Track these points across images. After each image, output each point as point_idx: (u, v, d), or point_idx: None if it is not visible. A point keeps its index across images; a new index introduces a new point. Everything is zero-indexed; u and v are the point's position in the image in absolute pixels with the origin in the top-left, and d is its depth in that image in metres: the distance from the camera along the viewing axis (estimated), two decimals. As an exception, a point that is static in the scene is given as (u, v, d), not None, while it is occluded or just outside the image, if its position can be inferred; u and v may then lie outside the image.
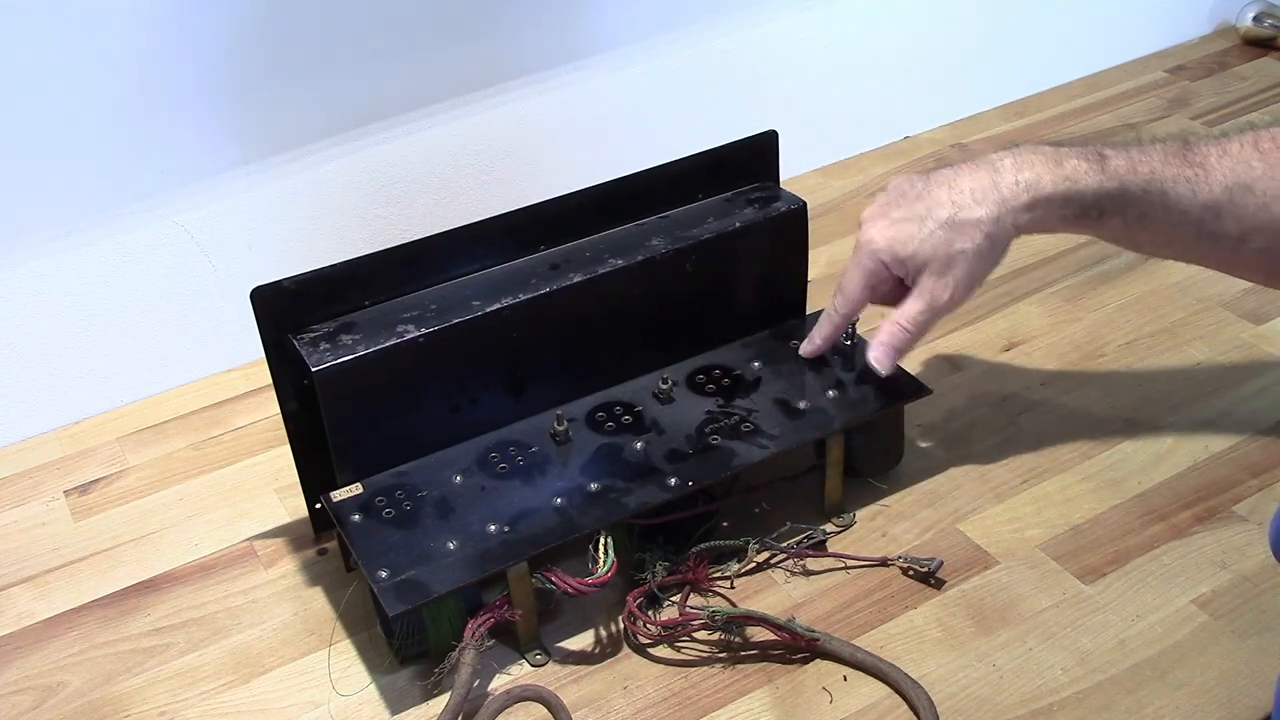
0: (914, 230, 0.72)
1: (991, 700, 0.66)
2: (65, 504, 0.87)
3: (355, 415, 0.73)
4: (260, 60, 0.91)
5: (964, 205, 0.71)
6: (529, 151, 1.05)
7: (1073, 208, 0.70)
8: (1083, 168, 0.70)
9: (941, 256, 0.71)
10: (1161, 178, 0.69)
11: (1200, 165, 0.69)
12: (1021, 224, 0.71)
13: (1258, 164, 0.68)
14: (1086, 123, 1.26)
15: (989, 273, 0.73)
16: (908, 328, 0.73)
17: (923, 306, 0.73)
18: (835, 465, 0.78)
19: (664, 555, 0.73)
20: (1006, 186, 0.71)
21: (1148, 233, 0.71)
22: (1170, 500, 0.79)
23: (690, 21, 1.09)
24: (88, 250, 0.90)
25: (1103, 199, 0.70)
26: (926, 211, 0.72)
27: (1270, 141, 0.69)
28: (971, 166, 0.73)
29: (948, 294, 0.72)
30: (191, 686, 0.72)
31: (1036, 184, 0.70)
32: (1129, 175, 0.70)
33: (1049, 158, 0.71)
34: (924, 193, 0.73)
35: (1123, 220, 0.71)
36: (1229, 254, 0.71)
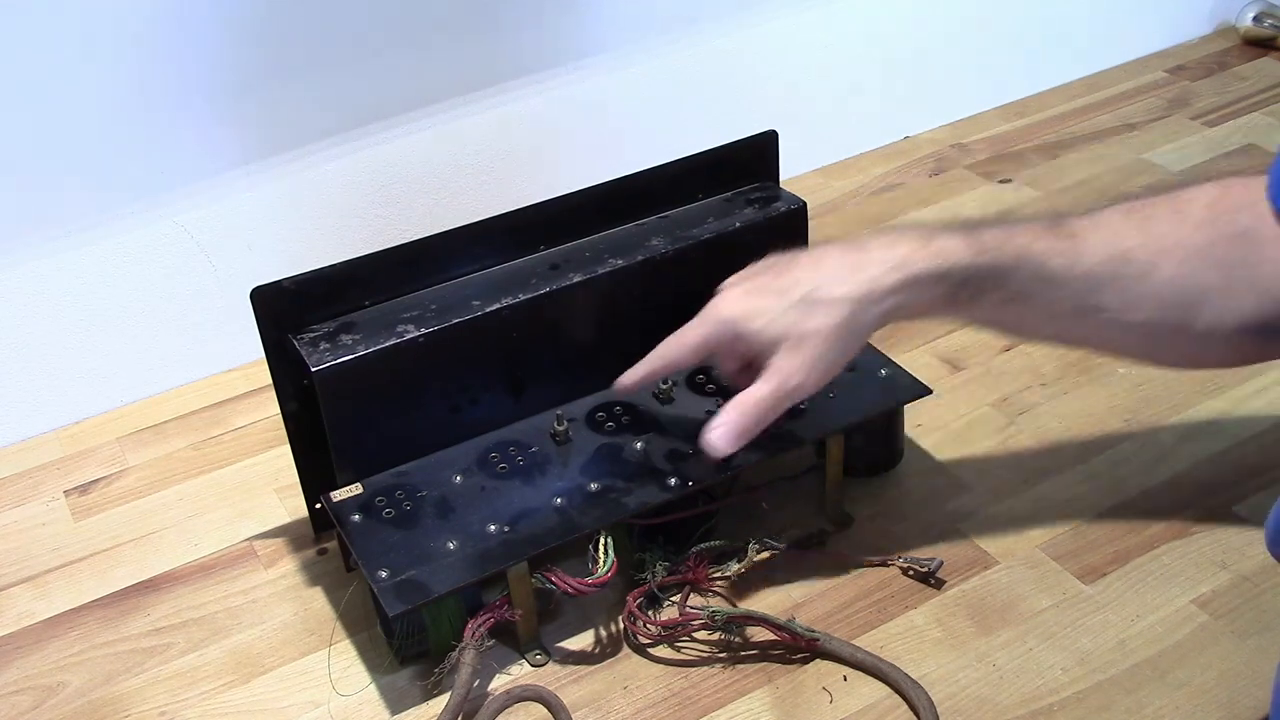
0: (769, 304, 0.67)
1: (991, 700, 0.66)
2: (65, 504, 0.87)
3: (355, 415, 0.73)
4: (260, 60, 0.91)
5: (826, 283, 0.66)
6: (529, 151, 1.05)
7: (945, 285, 0.65)
8: (953, 244, 0.66)
9: (795, 335, 0.66)
10: (1035, 251, 0.65)
11: (1073, 237, 0.66)
12: (888, 308, 0.66)
13: (1133, 233, 0.66)
14: (1086, 122, 1.26)
15: (847, 359, 0.67)
16: (753, 411, 0.67)
17: (772, 389, 0.66)
18: (835, 465, 0.78)
19: (664, 555, 0.73)
20: (873, 265, 0.66)
21: (1025, 312, 0.67)
22: (1170, 500, 0.79)
23: (690, 21, 1.09)
24: (88, 250, 0.90)
25: (976, 275, 0.65)
26: (787, 285, 0.67)
27: (1142, 211, 0.67)
28: (841, 245, 0.68)
29: (799, 377, 0.66)
30: (191, 686, 0.72)
31: (905, 263, 0.65)
32: (1001, 250, 0.65)
33: (918, 236, 0.67)
34: (788, 268, 0.68)
35: (999, 298, 0.66)
36: (1111, 330, 0.67)
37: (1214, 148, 1.19)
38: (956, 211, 1.12)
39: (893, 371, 0.79)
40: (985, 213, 1.12)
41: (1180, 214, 0.66)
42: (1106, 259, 0.65)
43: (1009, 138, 1.25)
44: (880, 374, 0.78)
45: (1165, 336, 0.67)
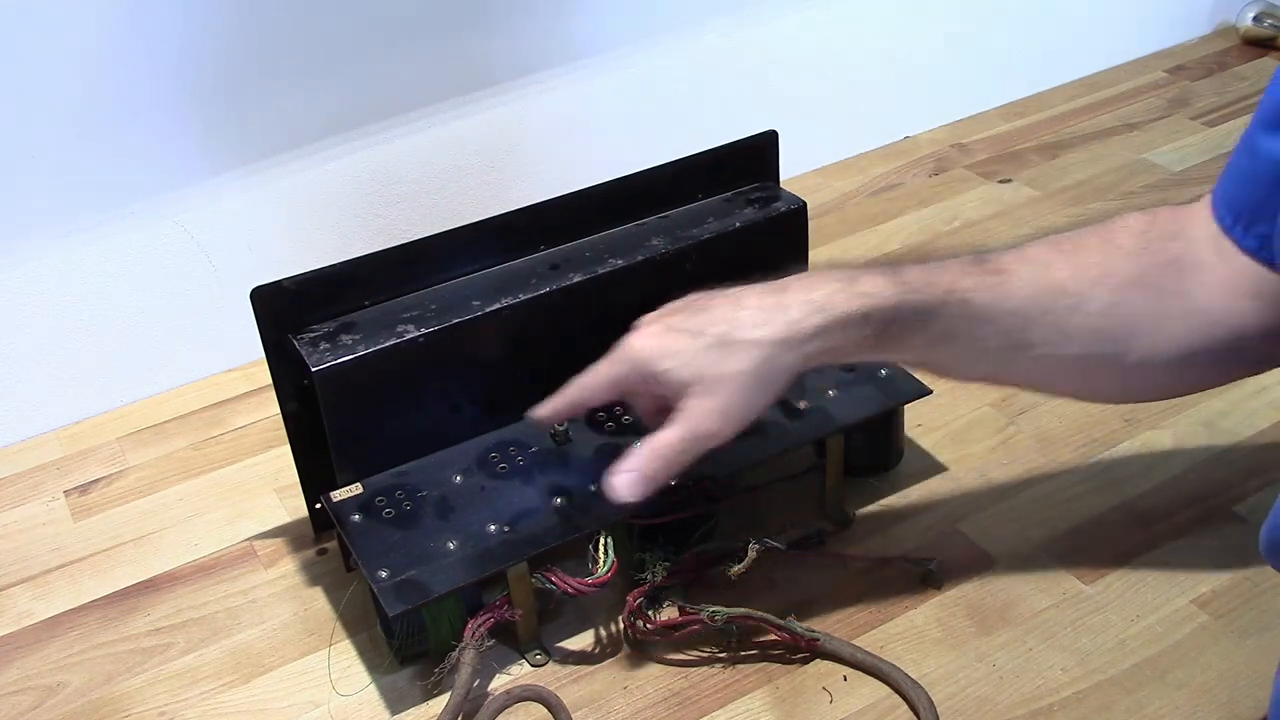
0: (683, 344, 0.63)
1: (991, 700, 0.66)
2: (65, 504, 0.87)
3: (355, 415, 0.73)
4: (261, 60, 0.91)
5: (744, 324, 0.63)
6: (529, 151, 1.05)
7: (870, 327, 0.63)
8: (877, 283, 0.63)
9: (709, 377, 0.63)
10: (962, 287, 0.63)
11: (1000, 272, 0.64)
12: (810, 352, 0.63)
13: (1062, 265, 0.64)
14: (1086, 122, 1.26)
15: (764, 405, 0.64)
16: (664, 455, 0.64)
17: (683, 434, 0.63)
18: (835, 465, 0.78)
19: (664, 555, 0.73)
20: (794, 307, 0.63)
21: (954, 351, 0.65)
22: (1170, 500, 0.79)
23: (691, 21, 1.09)
24: (88, 250, 0.90)
25: (901, 316, 0.63)
26: (702, 326, 0.64)
27: (1070, 243, 0.65)
28: (762, 286, 0.65)
29: (710, 423, 0.63)
30: (191, 686, 0.72)
31: (827, 304, 0.62)
32: (927, 288, 0.63)
33: (841, 277, 0.64)
34: (706, 307, 0.65)
35: (926, 338, 0.64)
36: (1041, 365, 0.65)
37: (1214, 148, 1.19)
38: (957, 211, 1.13)
39: (892, 371, 0.79)
40: (982, 214, 1.12)
41: (1110, 244, 0.65)
42: (1036, 293, 0.64)
43: (1009, 138, 1.25)
44: (880, 374, 0.78)
45: (1100, 370, 0.65)
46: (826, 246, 1.08)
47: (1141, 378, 0.66)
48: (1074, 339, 0.64)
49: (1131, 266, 0.64)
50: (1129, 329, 0.64)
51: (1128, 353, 0.64)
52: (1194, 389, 0.69)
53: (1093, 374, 0.66)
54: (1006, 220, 1.11)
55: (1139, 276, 0.64)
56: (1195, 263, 0.64)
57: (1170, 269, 0.64)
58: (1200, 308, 0.63)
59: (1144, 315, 0.64)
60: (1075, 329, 0.64)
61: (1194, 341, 0.64)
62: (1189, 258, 0.64)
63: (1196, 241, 0.65)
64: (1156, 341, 0.64)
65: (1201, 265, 0.64)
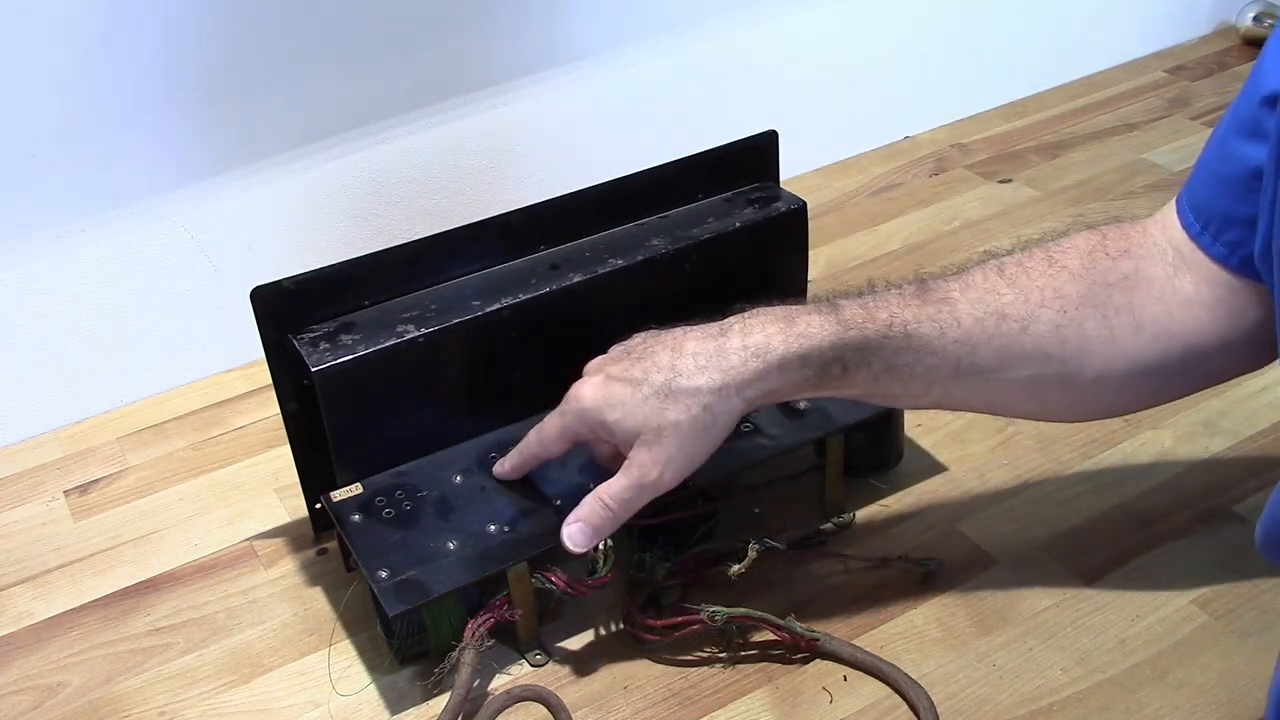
0: (626, 394, 0.64)
1: (991, 700, 0.66)
2: (65, 504, 0.87)
3: (355, 415, 0.73)
4: (261, 60, 0.91)
5: (684, 372, 0.63)
6: (529, 151, 1.05)
7: (811, 367, 0.63)
8: (816, 322, 0.63)
9: (653, 427, 0.64)
10: (904, 320, 0.63)
11: (943, 301, 0.64)
12: (751, 396, 0.64)
13: (1006, 290, 0.64)
14: (1086, 122, 1.26)
15: (710, 450, 0.65)
16: (610, 505, 0.65)
17: (628, 483, 0.65)
18: (835, 465, 0.78)
19: (664, 555, 0.73)
20: (733, 353, 0.63)
21: (902, 382, 0.65)
22: (1170, 500, 0.79)
23: (691, 21, 1.09)
24: (88, 250, 0.90)
25: (843, 352, 0.63)
26: (644, 374, 0.64)
27: (1015, 266, 0.65)
28: (701, 330, 0.66)
29: (656, 471, 0.64)
30: (191, 686, 0.72)
31: (766, 348, 0.63)
32: (867, 323, 0.63)
33: (780, 318, 0.64)
34: (647, 352, 0.65)
35: (870, 373, 0.64)
36: (993, 389, 0.65)
37: (1214, 148, 1.19)
38: (957, 211, 1.13)
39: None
40: (982, 214, 1.12)
41: (1055, 265, 0.65)
42: (981, 318, 0.63)
43: (1009, 138, 1.25)
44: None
45: (1053, 390, 0.65)
46: (826, 246, 1.08)
47: (1098, 396, 0.65)
48: (1024, 362, 0.64)
49: (1078, 287, 0.64)
50: (1079, 349, 0.64)
51: (1081, 371, 0.64)
52: (1153, 403, 0.68)
53: (1047, 395, 0.66)
54: (1006, 220, 1.11)
55: (1086, 296, 0.64)
56: (1147, 278, 0.64)
57: (1118, 288, 0.64)
58: (1151, 323, 0.63)
59: (1094, 335, 0.63)
60: (1024, 352, 0.64)
61: (1148, 357, 0.63)
62: (1140, 274, 0.64)
63: (1148, 257, 0.64)
64: (1111, 359, 0.64)
65: (1154, 280, 0.63)
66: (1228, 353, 0.64)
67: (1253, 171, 0.59)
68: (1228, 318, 0.62)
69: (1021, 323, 0.63)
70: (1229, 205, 0.61)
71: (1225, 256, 0.61)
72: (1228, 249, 0.61)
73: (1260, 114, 0.58)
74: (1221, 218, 0.61)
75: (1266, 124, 0.57)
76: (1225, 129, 0.62)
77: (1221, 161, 0.62)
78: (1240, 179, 0.60)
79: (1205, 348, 0.63)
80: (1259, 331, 0.63)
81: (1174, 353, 0.63)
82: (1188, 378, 0.66)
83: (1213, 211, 0.62)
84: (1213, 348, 0.63)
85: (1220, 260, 0.62)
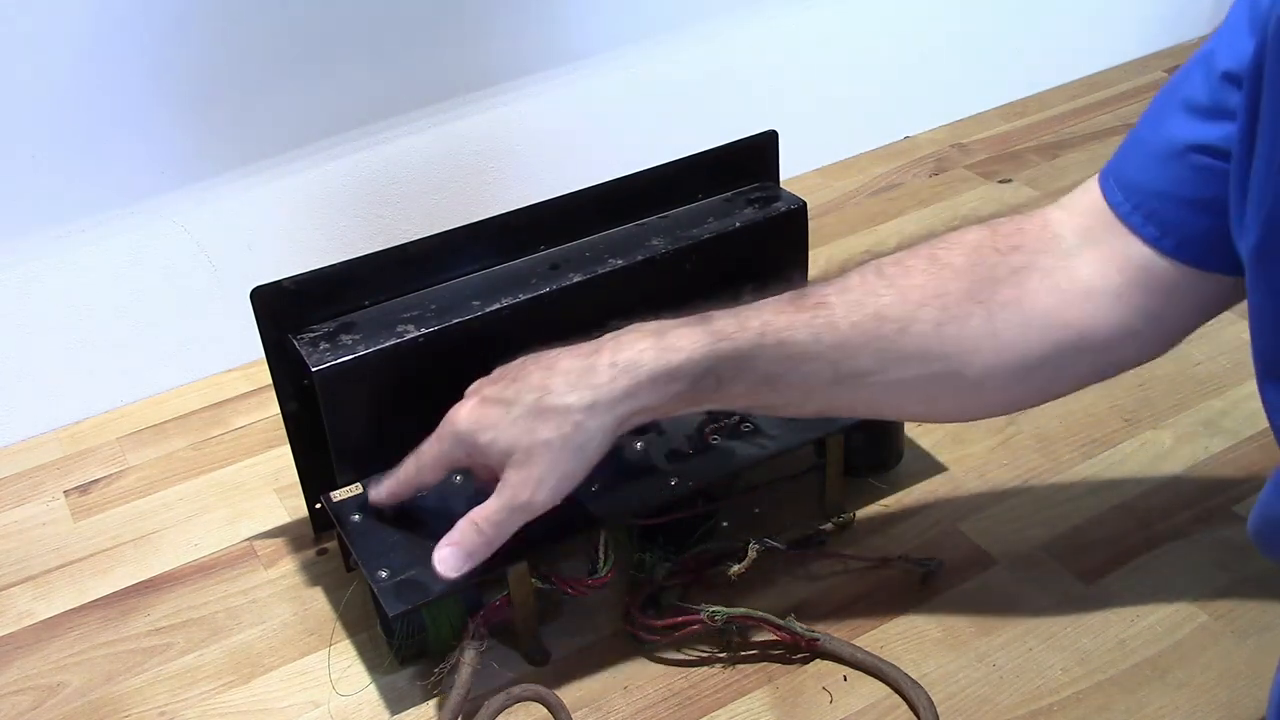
0: (498, 415, 0.63)
1: (991, 700, 0.66)
2: (65, 504, 0.87)
3: (355, 415, 0.73)
4: (261, 60, 0.91)
5: (555, 390, 0.63)
6: (528, 152, 1.05)
7: (682, 381, 0.62)
8: (687, 334, 0.62)
9: (524, 447, 0.63)
10: (777, 327, 0.62)
11: (819, 306, 0.63)
12: (622, 413, 0.63)
13: (885, 290, 0.63)
14: (1086, 122, 1.26)
15: (584, 469, 0.64)
16: (483, 529, 0.64)
17: (501, 505, 0.64)
18: (835, 465, 0.78)
19: (664, 555, 0.73)
20: (603, 370, 0.62)
21: (779, 391, 0.64)
22: (1170, 500, 0.79)
23: (690, 22, 1.09)
24: (88, 250, 0.90)
25: (715, 364, 0.62)
26: (515, 395, 0.63)
27: (895, 266, 0.64)
28: (575, 349, 0.65)
29: (528, 491, 0.63)
30: (191, 686, 0.72)
31: (635, 365, 0.62)
32: (739, 332, 0.62)
33: (652, 333, 0.63)
34: (520, 372, 0.65)
35: (745, 384, 0.63)
36: (877, 393, 0.64)
37: (1214, 148, 1.19)
38: (957, 211, 1.13)
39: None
40: (982, 214, 1.12)
41: (937, 262, 0.63)
42: (859, 321, 0.62)
43: (1009, 138, 1.25)
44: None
45: (940, 390, 0.64)
46: (826, 246, 1.08)
47: (987, 392, 0.64)
48: (906, 363, 0.62)
49: (961, 284, 0.63)
50: (962, 346, 0.62)
51: (966, 369, 0.63)
52: (1049, 398, 0.66)
53: (934, 394, 0.64)
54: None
55: (969, 292, 0.62)
56: (1040, 270, 0.62)
57: (1006, 282, 0.62)
58: (1042, 316, 0.62)
59: (978, 333, 0.62)
60: (905, 353, 0.62)
61: (1040, 351, 0.62)
62: (1032, 267, 0.62)
63: (1044, 250, 0.63)
64: (998, 354, 0.62)
65: (1048, 271, 0.62)
66: (1129, 341, 0.62)
67: (1196, 147, 0.57)
68: (1134, 304, 0.61)
69: (900, 323, 0.62)
70: (1169, 185, 0.59)
71: (1157, 238, 0.60)
72: (1160, 230, 0.59)
73: (1219, 91, 0.56)
74: (1157, 197, 0.59)
75: (1229, 101, 0.55)
76: (1165, 106, 0.60)
77: (1159, 136, 0.60)
78: (1179, 154, 0.58)
79: (1106, 337, 0.62)
80: (1165, 319, 0.61)
81: (1066, 345, 0.62)
82: (1082, 369, 0.64)
83: (1147, 191, 0.60)
84: (1114, 337, 0.62)
85: (1150, 241, 0.60)
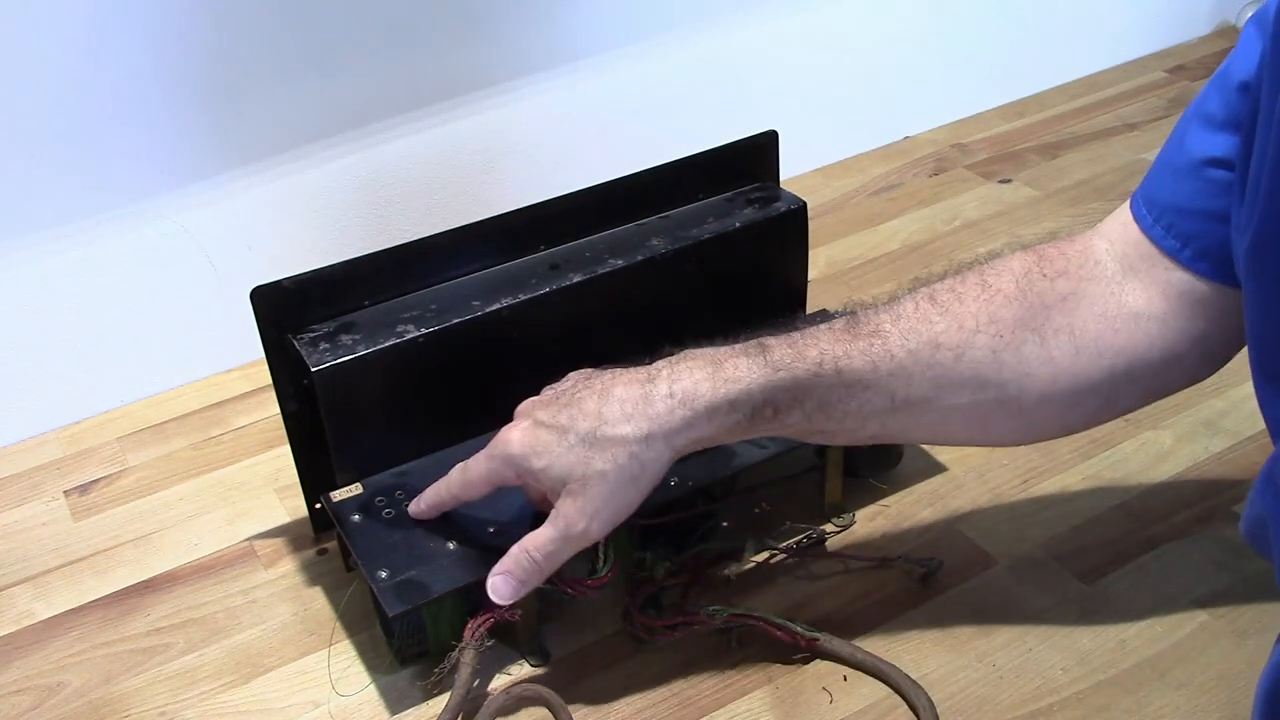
0: (552, 441, 0.63)
1: (991, 700, 0.66)
2: (65, 504, 0.87)
3: (355, 415, 0.73)
4: (260, 60, 0.91)
5: (610, 419, 0.62)
6: (528, 151, 1.05)
7: (741, 411, 0.62)
8: (744, 365, 0.62)
9: (578, 477, 0.62)
10: (834, 356, 0.62)
11: (874, 334, 0.63)
12: (679, 445, 0.62)
13: (938, 318, 0.63)
14: (1086, 122, 1.26)
15: (638, 500, 0.64)
16: (536, 558, 0.64)
17: (554, 534, 0.63)
18: (835, 465, 0.78)
19: (664, 555, 0.73)
20: (659, 400, 0.62)
21: (835, 419, 0.63)
22: (1170, 500, 0.79)
23: (690, 21, 1.09)
24: (88, 250, 0.90)
25: (773, 394, 0.62)
26: (570, 421, 0.62)
27: (948, 293, 0.64)
28: (629, 375, 0.64)
29: (583, 522, 0.62)
30: (191, 686, 0.72)
31: (693, 395, 0.61)
32: (796, 362, 0.62)
33: (708, 362, 0.63)
34: (574, 398, 0.64)
35: (803, 413, 0.63)
36: (932, 419, 0.64)
37: (1214, 148, 1.19)
38: (957, 211, 1.13)
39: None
40: (982, 214, 1.12)
41: (989, 289, 0.63)
42: (914, 349, 0.62)
43: (1009, 138, 1.25)
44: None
45: (994, 416, 0.64)
46: (826, 246, 1.08)
47: (1041, 418, 0.64)
48: (961, 389, 0.63)
49: (1014, 310, 0.63)
50: (1018, 372, 0.62)
51: (1021, 395, 0.63)
52: (1100, 421, 0.67)
53: (988, 420, 0.64)
54: (1006, 220, 1.11)
55: (1023, 319, 0.63)
56: (1088, 297, 0.63)
57: (1056, 309, 0.63)
58: (1094, 342, 0.62)
59: (1033, 357, 0.62)
60: (961, 379, 0.62)
61: (1091, 376, 0.63)
62: (1080, 294, 0.63)
63: (1089, 276, 0.63)
64: (1051, 381, 0.63)
65: (1095, 299, 0.63)
66: (1178, 364, 0.63)
67: (1211, 161, 0.58)
68: (1179, 328, 0.62)
69: (956, 350, 0.62)
70: (1188, 200, 0.60)
71: (1177, 250, 0.60)
72: (1180, 241, 0.60)
73: (1234, 103, 0.57)
74: (1178, 212, 0.60)
75: (1242, 113, 0.56)
76: (1188, 121, 0.61)
77: (1180, 152, 0.61)
78: (1196, 168, 0.59)
79: (1153, 362, 0.63)
80: (1210, 339, 0.62)
81: (1119, 370, 0.63)
82: (1135, 393, 0.65)
83: (1166, 203, 0.61)
84: (1161, 361, 0.63)
85: (1172, 254, 0.61)
